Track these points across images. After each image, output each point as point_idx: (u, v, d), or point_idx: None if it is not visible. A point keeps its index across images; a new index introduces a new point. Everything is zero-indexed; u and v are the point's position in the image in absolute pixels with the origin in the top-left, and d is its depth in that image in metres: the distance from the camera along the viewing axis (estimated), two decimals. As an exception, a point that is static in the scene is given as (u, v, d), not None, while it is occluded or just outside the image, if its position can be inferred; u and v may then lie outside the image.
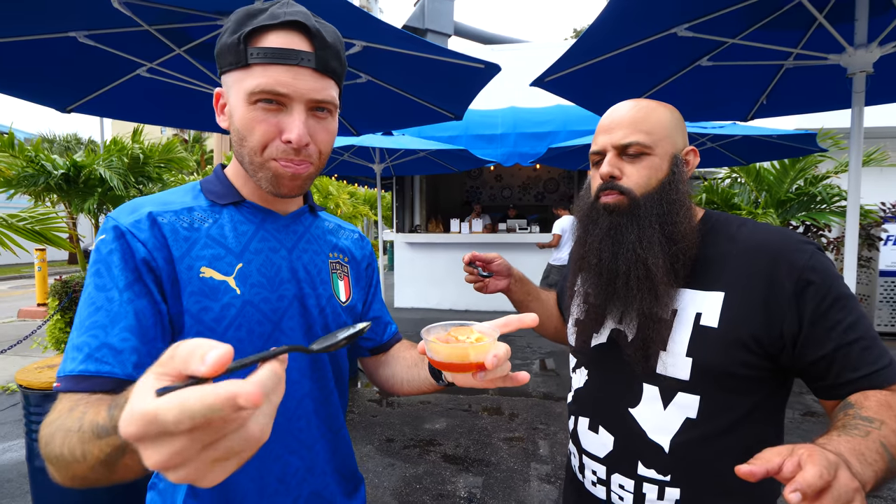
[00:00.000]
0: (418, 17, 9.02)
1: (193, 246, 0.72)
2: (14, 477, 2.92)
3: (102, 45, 2.05)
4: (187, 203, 0.76)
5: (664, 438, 0.82)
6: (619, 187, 0.86)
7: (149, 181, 5.53)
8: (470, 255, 1.13)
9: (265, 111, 0.69)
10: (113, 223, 0.69)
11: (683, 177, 0.87)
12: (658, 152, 0.85)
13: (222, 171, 0.82)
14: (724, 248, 0.83)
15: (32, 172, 4.66)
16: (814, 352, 0.74)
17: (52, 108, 2.58)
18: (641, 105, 0.88)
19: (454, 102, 2.87)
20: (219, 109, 0.76)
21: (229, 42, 0.69)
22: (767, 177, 6.44)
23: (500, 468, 3.04)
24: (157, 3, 1.77)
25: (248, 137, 0.70)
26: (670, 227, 0.83)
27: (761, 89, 2.99)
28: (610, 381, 0.91)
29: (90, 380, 0.61)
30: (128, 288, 0.66)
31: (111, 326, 0.63)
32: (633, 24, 2.13)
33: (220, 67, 0.72)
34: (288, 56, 0.67)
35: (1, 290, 11.91)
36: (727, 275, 0.81)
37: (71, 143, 13.81)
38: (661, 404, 0.82)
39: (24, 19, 1.80)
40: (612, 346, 0.90)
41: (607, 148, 0.88)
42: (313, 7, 1.80)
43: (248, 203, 0.79)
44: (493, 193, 10.27)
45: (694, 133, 4.66)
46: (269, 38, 0.68)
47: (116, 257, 0.67)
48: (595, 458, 0.91)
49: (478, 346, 0.63)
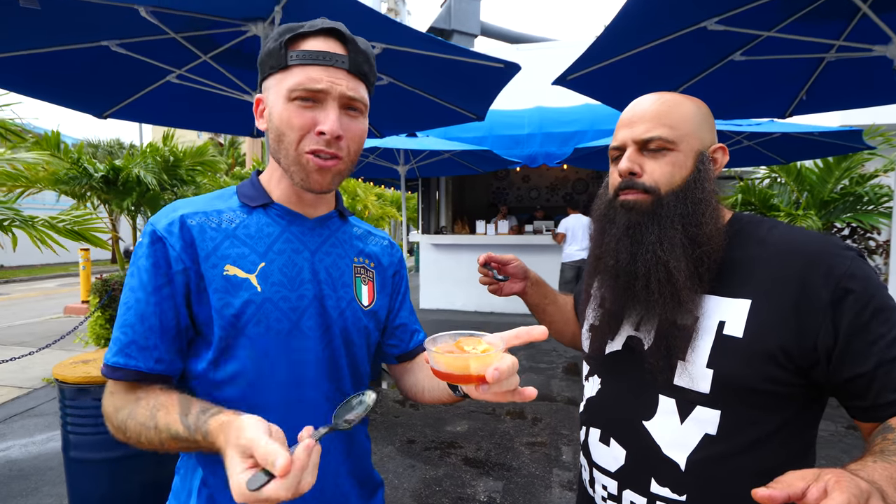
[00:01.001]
0: (444, 18, 9.03)
1: (220, 245, 0.77)
2: (55, 465, 3.06)
3: (133, 53, 2.13)
4: (219, 206, 0.81)
5: (680, 455, 0.76)
6: (639, 185, 0.80)
7: (182, 183, 5.73)
8: (485, 257, 1.10)
9: (301, 107, 0.74)
10: (150, 228, 0.76)
11: (710, 175, 0.80)
12: (682, 148, 0.79)
13: (257, 176, 0.87)
14: (752, 252, 0.77)
15: (76, 174, 4.93)
16: (851, 368, 0.67)
17: (89, 114, 2.70)
18: (665, 98, 0.82)
19: (475, 103, 2.84)
20: (258, 114, 0.81)
21: (271, 48, 0.75)
22: (809, 176, 6.14)
23: (521, 473, 2.99)
24: (183, 11, 1.82)
25: (287, 133, 0.75)
26: (694, 228, 0.76)
27: (800, 84, 2.85)
28: (623, 391, 0.85)
29: (121, 370, 0.72)
30: (154, 292, 0.73)
31: (138, 325, 0.73)
32: (658, 18, 2.06)
33: (262, 74, 0.78)
34: (324, 57, 0.74)
35: (50, 288, 12.59)
36: (755, 280, 0.74)
37: (114, 148, 14.48)
38: (678, 418, 0.76)
39: (59, 30, 1.89)
40: (628, 354, 0.84)
41: (627, 143, 0.82)
42: (332, 10, 1.82)
43: (276, 205, 0.83)
44: (521, 194, 10.16)
45: (728, 131, 4.49)
46: (308, 43, 0.75)
47: (147, 262, 0.74)
48: (606, 472, 0.86)
49: (480, 358, 0.61)
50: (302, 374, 0.79)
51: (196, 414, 0.65)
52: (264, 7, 1.86)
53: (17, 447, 3.39)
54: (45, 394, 4.47)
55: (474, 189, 10.11)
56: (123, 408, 0.71)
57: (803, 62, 2.60)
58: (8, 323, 7.87)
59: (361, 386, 0.91)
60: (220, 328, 0.75)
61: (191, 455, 0.81)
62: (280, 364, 0.77)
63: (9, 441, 3.49)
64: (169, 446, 0.67)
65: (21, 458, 3.22)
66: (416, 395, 0.96)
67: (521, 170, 9.76)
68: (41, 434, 3.60)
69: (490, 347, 0.64)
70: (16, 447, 3.39)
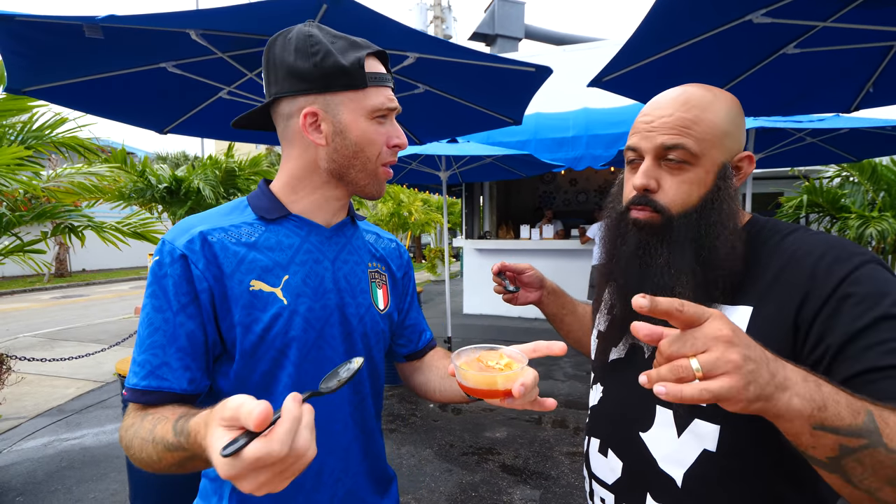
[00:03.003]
0: (488, 24, 9.05)
1: (243, 261, 0.77)
2: (122, 454, 3.32)
3: (187, 73, 2.30)
4: (235, 220, 0.81)
5: (677, 471, 0.72)
6: (653, 203, 0.75)
7: (238, 191, 6.09)
8: (499, 266, 1.08)
9: (380, 124, 0.81)
10: (168, 246, 0.75)
11: (730, 192, 0.74)
12: (705, 163, 0.73)
13: (267, 186, 0.87)
14: (761, 259, 0.72)
15: (142, 186, 5.37)
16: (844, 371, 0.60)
17: (152, 130, 2.93)
18: (693, 101, 0.73)
19: (510, 107, 2.84)
20: (311, 127, 0.78)
21: (347, 66, 0.76)
22: (886, 174, 5.63)
23: (559, 483, 2.93)
24: (228, 32, 1.95)
25: (368, 148, 0.80)
26: (707, 252, 0.71)
27: (866, 75, 2.62)
28: (623, 400, 0.82)
29: (152, 394, 0.72)
30: (181, 311, 0.73)
31: (168, 346, 0.72)
32: (696, 13, 1.97)
33: (326, 88, 0.76)
34: (389, 80, 0.82)
35: (124, 290, 13.68)
36: (759, 287, 0.70)
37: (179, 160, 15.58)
38: (675, 431, 0.72)
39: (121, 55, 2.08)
40: (630, 362, 0.82)
41: (645, 151, 0.76)
42: (364, 26, 1.87)
43: (293, 216, 0.84)
44: (568, 198, 9.97)
45: (789, 128, 4.20)
46: (372, 64, 0.80)
47: (171, 281, 0.73)
48: (604, 484, 0.83)
49: (507, 375, 0.64)
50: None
51: (185, 418, 0.62)
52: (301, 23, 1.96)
53: (90, 436, 3.72)
54: (116, 387, 4.86)
55: (520, 193, 10.03)
56: (132, 426, 0.70)
57: (868, 51, 2.39)
58: (87, 322, 8.63)
59: (378, 387, 0.94)
60: (249, 343, 0.75)
61: None
62: (306, 373, 0.79)
63: (84, 430, 3.83)
64: (164, 460, 0.64)
65: (93, 446, 3.52)
66: (425, 394, 0.99)
67: (566, 173, 9.57)
68: (111, 424, 3.93)
69: (513, 362, 0.67)
70: (89, 436, 3.72)
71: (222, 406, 0.50)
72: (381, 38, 1.22)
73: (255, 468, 0.46)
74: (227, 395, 0.77)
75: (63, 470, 3.16)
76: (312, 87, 0.76)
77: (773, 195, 7.53)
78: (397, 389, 4.52)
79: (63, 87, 2.27)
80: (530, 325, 6.92)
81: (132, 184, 5.30)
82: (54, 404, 4.44)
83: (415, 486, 2.91)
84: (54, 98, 2.38)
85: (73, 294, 12.70)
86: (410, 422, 3.88)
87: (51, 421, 4.01)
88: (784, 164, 5.56)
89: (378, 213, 14.97)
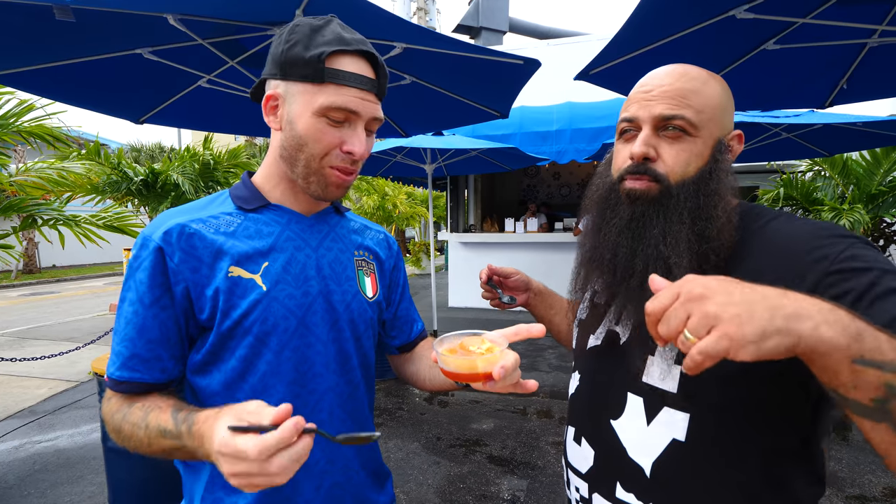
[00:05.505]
0: (473, 16, 9.01)
1: (221, 249, 0.77)
2: (99, 455, 3.23)
3: (165, 59, 2.22)
4: (214, 210, 0.82)
5: (646, 460, 0.71)
6: (652, 172, 0.72)
7: (217, 185, 5.94)
8: (487, 272, 1.08)
9: (331, 125, 0.76)
10: (144, 239, 0.76)
11: (727, 165, 0.73)
12: (703, 134, 0.72)
13: (249, 178, 0.87)
14: (746, 241, 0.71)
15: (117, 179, 5.19)
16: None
17: (127, 119, 2.82)
18: (692, 74, 0.73)
19: (498, 100, 2.83)
20: (268, 110, 0.80)
21: (306, 57, 0.74)
22: (856, 169, 5.80)
23: (546, 472, 2.96)
24: (208, 17, 1.88)
25: (311, 145, 0.76)
26: (704, 222, 0.70)
27: (841, 72, 2.69)
28: (596, 388, 0.81)
29: (125, 384, 0.74)
30: (154, 304, 0.74)
31: (138, 339, 0.74)
32: (682, 8, 1.99)
33: (285, 76, 0.76)
34: (361, 82, 0.76)
35: (97, 287, 13.28)
36: (740, 271, 0.67)
37: (155, 152, 15.13)
38: (645, 419, 0.71)
39: (94, 40, 1.99)
40: (606, 349, 0.80)
41: (643, 120, 0.73)
42: (350, 13, 1.83)
43: (273, 206, 0.84)
44: (551, 192, 10.03)
45: (766, 123, 4.30)
46: (345, 62, 0.75)
47: (145, 274, 0.74)
48: (578, 472, 0.82)
49: (486, 358, 0.65)
50: (308, 370, 0.81)
51: (188, 412, 0.67)
52: (286, 11, 1.91)
53: (64, 437, 3.60)
54: (90, 387, 4.72)
55: (504, 187, 10.04)
56: (119, 411, 0.73)
57: (843, 49, 2.46)
58: (58, 319, 8.36)
59: (370, 377, 0.94)
60: (227, 329, 0.76)
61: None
62: (286, 361, 0.79)
63: (57, 431, 3.71)
64: (154, 445, 0.68)
65: (68, 448, 3.42)
66: (416, 383, 1.00)
67: (550, 167, 9.63)
68: (86, 425, 3.81)
69: (494, 346, 0.67)
70: (63, 437, 3.60)
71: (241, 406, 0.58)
72: (368, 27, 1.19)
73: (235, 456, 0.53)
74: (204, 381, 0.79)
75: (36, 473, 3.06)
76: (277, 72, 0.77)
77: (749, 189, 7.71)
78: (384, 384, 4.50)
79: (30, 72, 2.16)
80: (515, 317, 6.96)
81: (106, 177, 5.11)
82: (25, 405, 4.29)
83: (403, 480, 2.91)
84: (21, 84, 2.27)
85: (44, 291, 12.28)
86: (397, 416, 3.87)
87: (22, 423, 3.87)
88: (761, 158, 5.70)
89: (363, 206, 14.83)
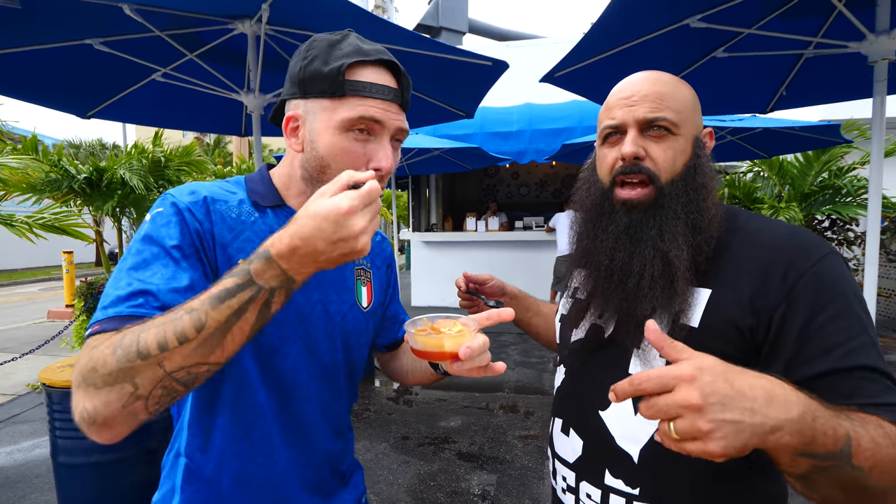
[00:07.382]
0: (432, 15, 9.02)
1: (237, 237, 0.74)
2: (43, 472, 3.02)
3: (117, 51, 2.10)
4: (237, 196, 0.78)
5: (633, 448, 0.74)
6: (645, 170, 0.76)
7: (168, 183, 5.66)
8: (464, 282, 1.10)
9: (356, 140, 0.72)
10: (172, 199, 0.71)
11: (707, 160, 0.78)
12: (683, 132, 0.76)
13: (267, 171, 0.84)
14: (723, 242, 0.74)
15: (56, 177, 4.83)
16: (803, 371, 0.63)
17: (73, 114, 2.66)
18: (664, 79, 0.78)
19: (464, 101, 2.86)
20: (289, 132, 0.76)
21: (325, 71, 0.70)
22: (791, 170, 6.27)
23: (514, 466, 3.03)
24: (168, 9, 1.80)
25: (336, 164, 0.72)
26: (696, 214, 0.74)
27: (781, 80, 2.91)
28: (583, 380, 0.84)
29: (131, 318, 0.60)
30: (185, 258, 0.67)
31: (162, 283, 0.63)
32: (643, 16, 2.09)
33: (305, 93, 0.73)
34: (384, 92, 0.72)
35: (32, 293, 12.34)
36: (719, 270, 0.72)
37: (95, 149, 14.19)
38: (632, 409, 0.74)
39: (41, 28, 1.86)
40: (591, 343, 0.83)
41: (629, 123, 0.77)
42: (320, 8, 1.80)
43: (288, 208, 0.81)
44: (511, 191, 10.20)
45: (712, 126, 4.56)
46: (366, 73, 0.72)
47: (175, 229, 0.68)
48: (566, 463, 0.84)
49: (453, 338, 0.67)
50: (295, 378, 0.80)
51: (239, 266, 0.58)
52: (251, 4, 1.85)
53: (2, 455, 3.34)
54: (30, 400, 4.39)
55: (465, 186, 10.13)
56: (121, 340, 0.55)
57: (783, 58, 2.66)
58: (-10, 329, 7.71)
59: (354, 384, 0.93)
60: None
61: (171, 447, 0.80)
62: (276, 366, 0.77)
63: (-6, 448, 3.44)
64: (210, 322, 0.54)
65: (7, 466, 3.17)
66: (400, 378, 1.02)
67: (510, 167, 9.80)
68: (27, 441, 3.55)
69: (464, 328, 0.71)
70: (1, 455, 3.34)
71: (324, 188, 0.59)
72: (335, 24, 1.17)
73: (343, 192, 0.57)
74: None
75: (-28, 494, 2.82)
76: (297, 91, 0.74)
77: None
78: (348, 385, 4.44)
79: (-36, 62, 2.01)
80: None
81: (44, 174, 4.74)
82: (-45, 422, 3.94)
83: (373, 481, 2.89)
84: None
85: (-31, 298, 11.29)
86: (364, 416, 3.84)
87: (-48, 441, 3.56)
88: (707, 160, 6.03)
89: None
